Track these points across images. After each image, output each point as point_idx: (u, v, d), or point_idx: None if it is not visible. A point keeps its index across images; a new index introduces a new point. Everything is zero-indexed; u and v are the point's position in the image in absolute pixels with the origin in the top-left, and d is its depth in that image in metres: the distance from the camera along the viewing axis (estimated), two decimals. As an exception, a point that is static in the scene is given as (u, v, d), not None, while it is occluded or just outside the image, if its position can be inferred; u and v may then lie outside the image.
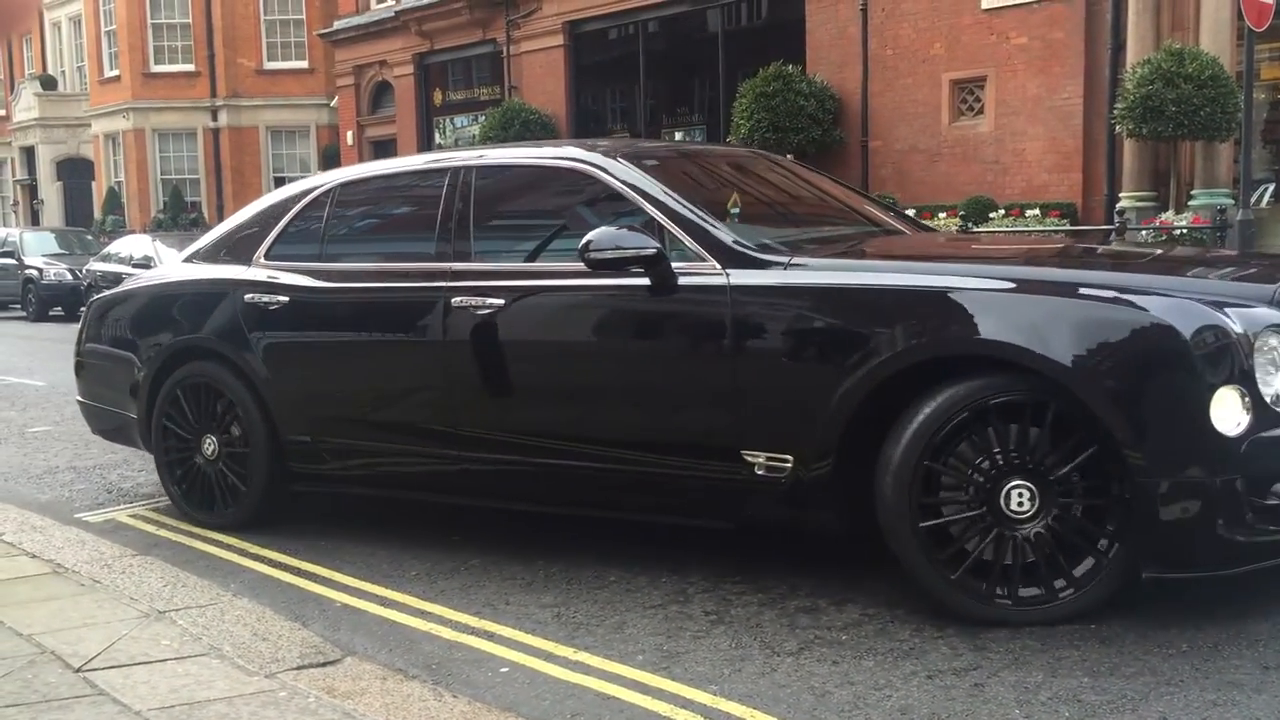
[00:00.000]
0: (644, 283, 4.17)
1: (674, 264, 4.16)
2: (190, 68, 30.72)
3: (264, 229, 5.44)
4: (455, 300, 4.61)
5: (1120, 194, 14.04)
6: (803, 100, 16.03)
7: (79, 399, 6.19)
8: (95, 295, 6.49)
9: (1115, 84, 13.65)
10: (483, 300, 4.55)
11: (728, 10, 18.93)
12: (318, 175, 5.76)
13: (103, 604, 4.00)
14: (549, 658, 3.63)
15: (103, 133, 32.41)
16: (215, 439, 5.32)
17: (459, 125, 23.74)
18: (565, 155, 4.77)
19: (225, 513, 5.31)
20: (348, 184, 5.42)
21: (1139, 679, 3.25)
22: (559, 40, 20.92)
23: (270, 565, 4.77)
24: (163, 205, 30.01)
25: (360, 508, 5.48)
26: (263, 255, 5.34)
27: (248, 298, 5.20)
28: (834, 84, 16.63)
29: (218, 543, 5.11)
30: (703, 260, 4.15)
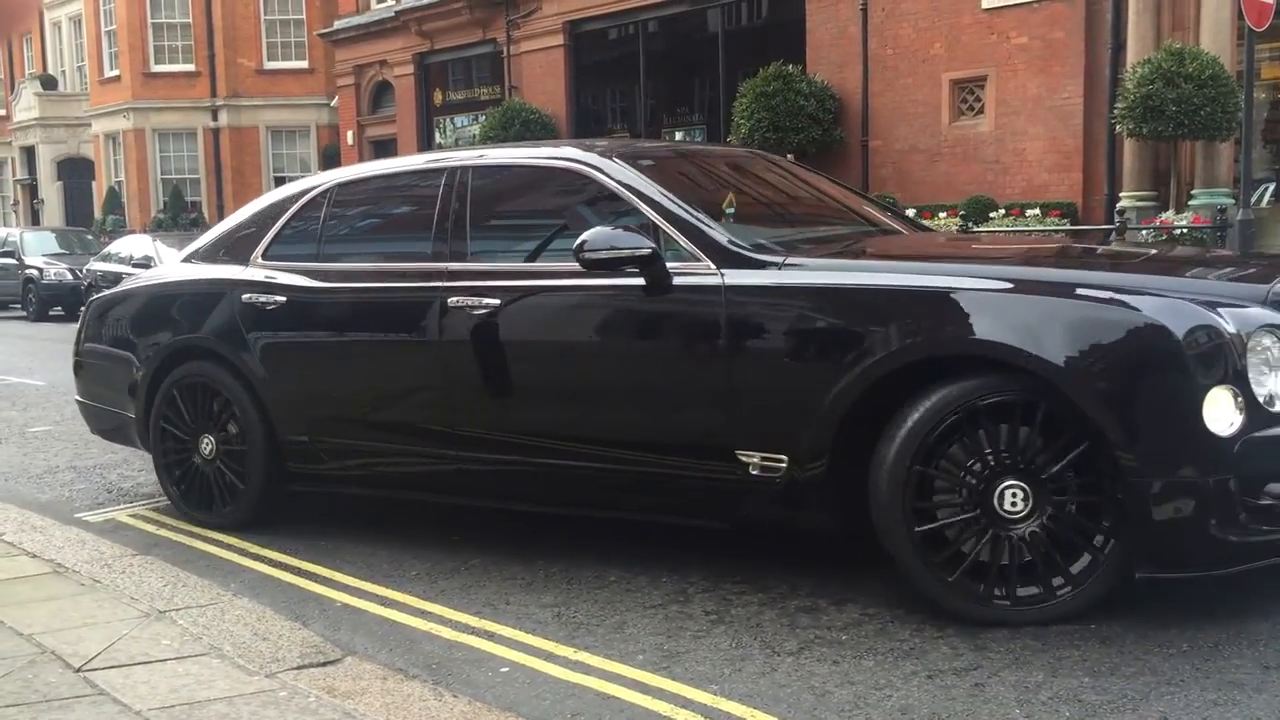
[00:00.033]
0: (639, 283, 4.17)
1: (669, 264, 4.16)
2: (190, 67, 30.73)
3: (261, 229, 5.44)
4: (451, 300, 4.61)
5: (1120, 194, 14.04)
6: (803, 100, 16.04)
7: (78, 399, 6.19)
8: (95, 295, 6.48)
9: (1115, 83, 13.65)
10: (479, 300, 4.55)
11: (728, 10, 18.93)
12: (315, 175, 5.76)
13: (103, 604, 4.01)
14: (549, 657, 3.63)
15: (103, 132, 32.41)
16: (213, 438, 5.32)
17: (459, 125, 23.74)
18: (561, 155, 4.77)
19: (223, 512, 5.31)
20: (344, 184, 5.42)
21: (1139, 679, 3.25)
22: (559, 40, 20.93)
23: (270, 565, 4.77)
24: (163, 205, 30.01)
25: (360, 507, 5.48)
26: (260, 255, 5.34)
27: (245, 298, 5.21)
28: (834, 84, 16.63)
29: (218, 542, 5.11)
30: (697, 260, 4.15)
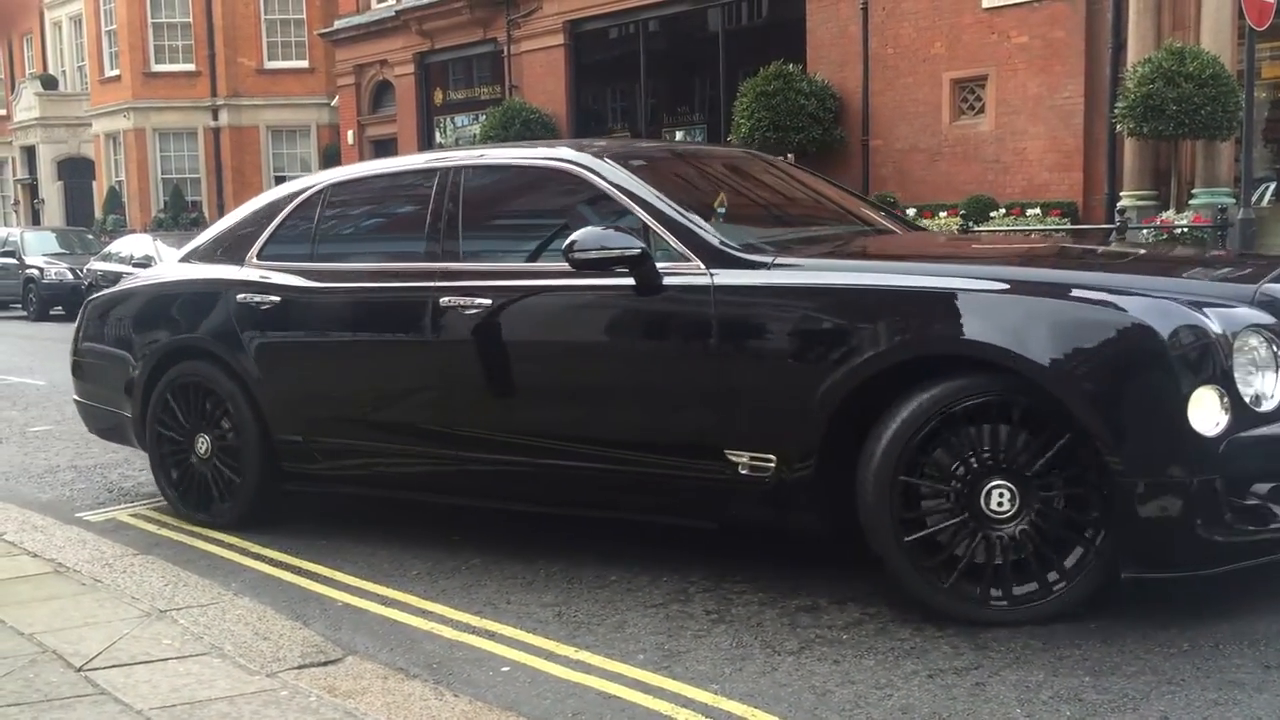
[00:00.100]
0: (629, 283, 4.17)
1: (659, 264, 4.16)
2: (191, 67, 30.73)
3: (257, 229, 5.45)
4: (444, 300, 4.61)
5: (1121, 193, 14.03)
6: (803, 99, 16.03)
7: (76, 398, 6.21)
8: (93, 294, 6.49)
9: (1116, 83, 13.64)
10: (471, 300, 4.55)
11: (728, 9, 18.92)
12: (310, 175, 5.77)
13: (104, 603, 4.01)
14: (550, 657, 3.63)
15: (103, 132, 32.41)
16: (209, 438, 5.34)
17: (460, 125, 23.74)
18: (552, 156, 4.78)
19: (219, 511, 5.32)
20: (339, 184, 5.42)
21: (1140, 678, 3.25)
22: (559, 40, 20.92)
23: (271, 564, 4.77)
24: (163, 205, 30.02)
25: (361, 507, 5.48)
26: (255, 255, 5.36)
27: (240, 297, 5.21)
28: (835, 83, 16.63)
29: (219, 542, 5.12)
30: (687, 260, 4.15)
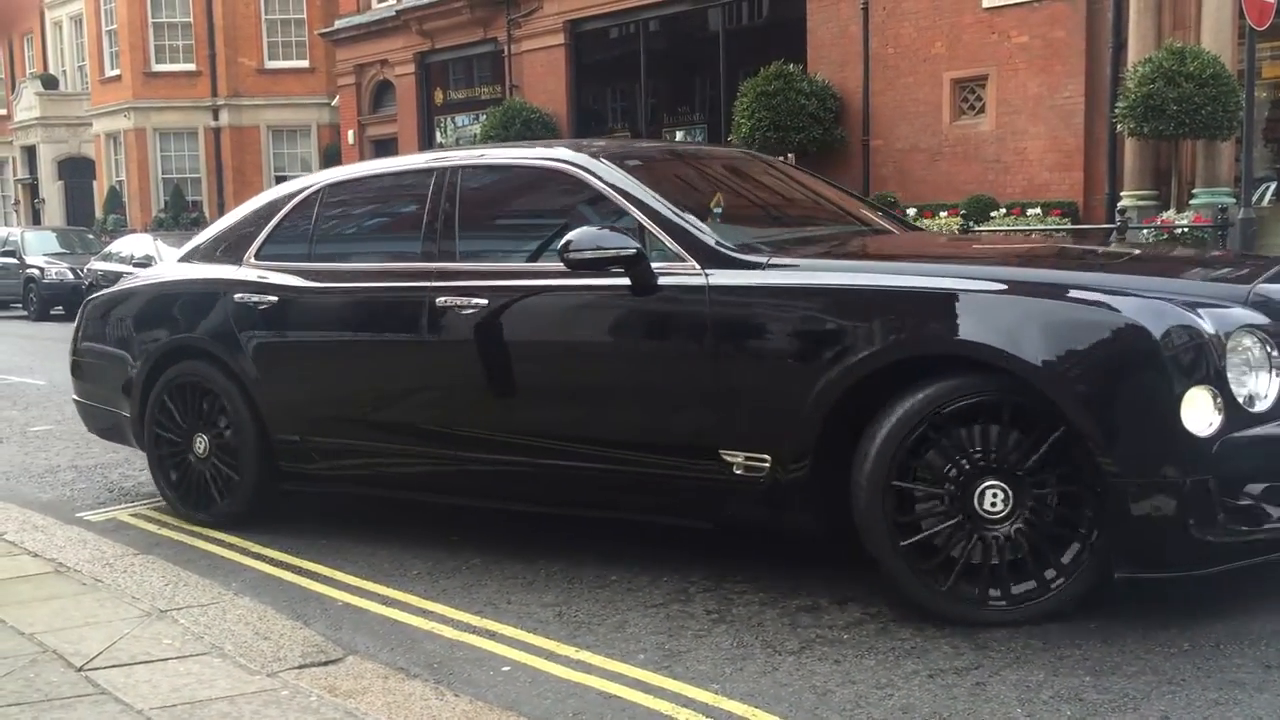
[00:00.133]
0: (625, 283, 4.17)
1: (655, 264, 4.16)
2: (191, 67, 30.72)
3: (255, 229, 5.47)
4: (440, 300, 4.62)
5: (1121, 193, 14.02)
6: (804, 99, 16.03)
7: (75, 398, 6.22)
8: (92, 294, 6.50)
9: (1116, 83, 13.64)
10: (467, 300, 4.56)
11: (729, 9, 18.92)
12: (307, 176, 5.78)
13: (104, 603, 4.01)
14: (551, 656, 3.63)
15: (104, 132, 32.41)
16: (207, 438, 5.34)
17: (460, 124, 23.74)
18: (548, 156, 4.78)
19: (217, 510, 5.33)
20: (336, 184, 5.43)
21: (1141, 678, 3.25)
22: (560, 39, 20.92)
23: (271, 564, 4.77)
24: (164, 204, 30.01)
25: (361, 507, 5.48)
26: (253, 255, 5.37)
27: (238, 297, 5.22)
28: (835, 83, 16.62)
29: (219, 542, 5.12)
30: (683, 260, 4.15)
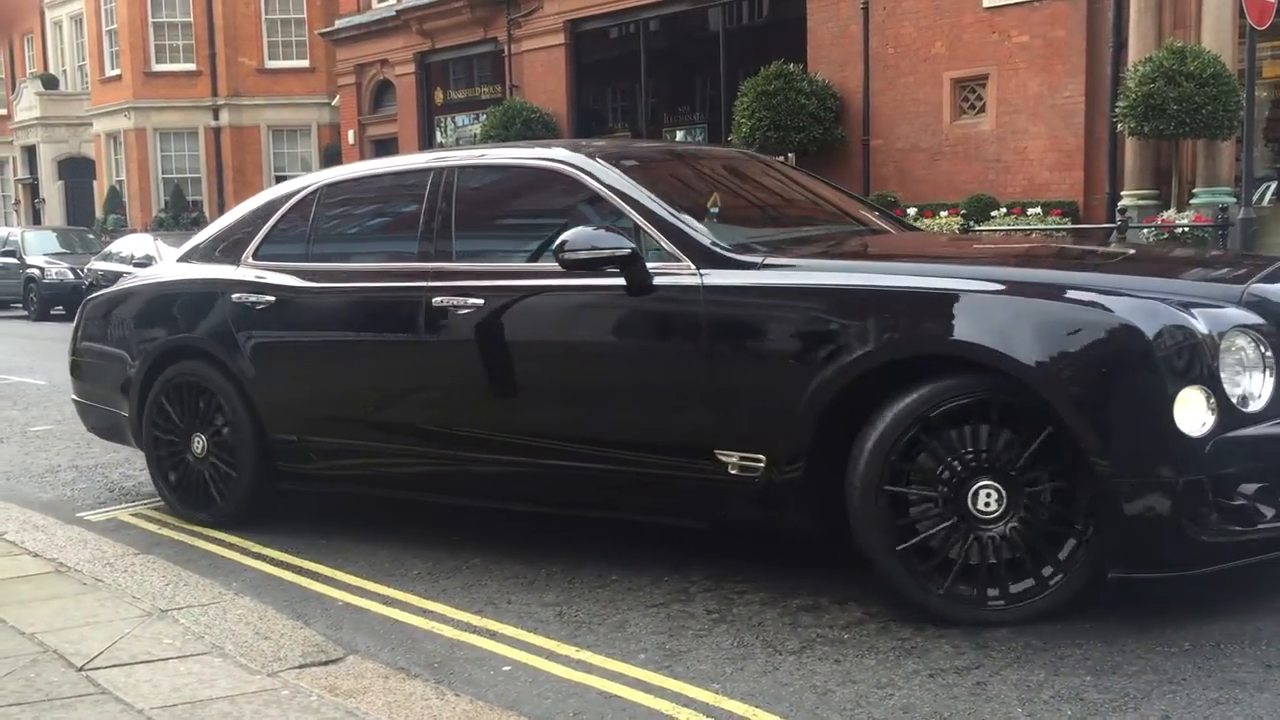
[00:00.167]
0: (620, 283, 4.17)
1: (650, 264, 4.16)
2: (191, 67, 30.72)
3: (253, 229, 5.47)
4: (436, 300, 4.62)
5: (1122, 192, 14.02)
6: (804, 99, 16.03)
7: (74, 397, 6.24)
8: (91, 294, 6.51)
9: (1117, 82, 13.63)
10: (463, 300, 4.56)
11: (729, 9, 18.92)
12: (305, 176, 5.79)
13: (105, 603, 4.01)
14: (551, 656, 3.63)
15: (104, 132, 32.40)
16: (204, 437, 5.35)
17: (460, 124, 23.74)
18: (544, 156, 4.78)
19: (215, 510, 5.33)
20: (333, 184, 5.44)
21: (1141, 677, 3.25)
22: (560, 39, 20.92)
23: (272, 564, 4.77)
24: (164, 204, 30.00)
25: (361, 507, 5.48)
26: (251, 255, 5.37)
27: (235, 297, 5.23)
28: (835, 83, 16.62)
29: (219, 541, 5.12)
30: (678, 261, 4.15)
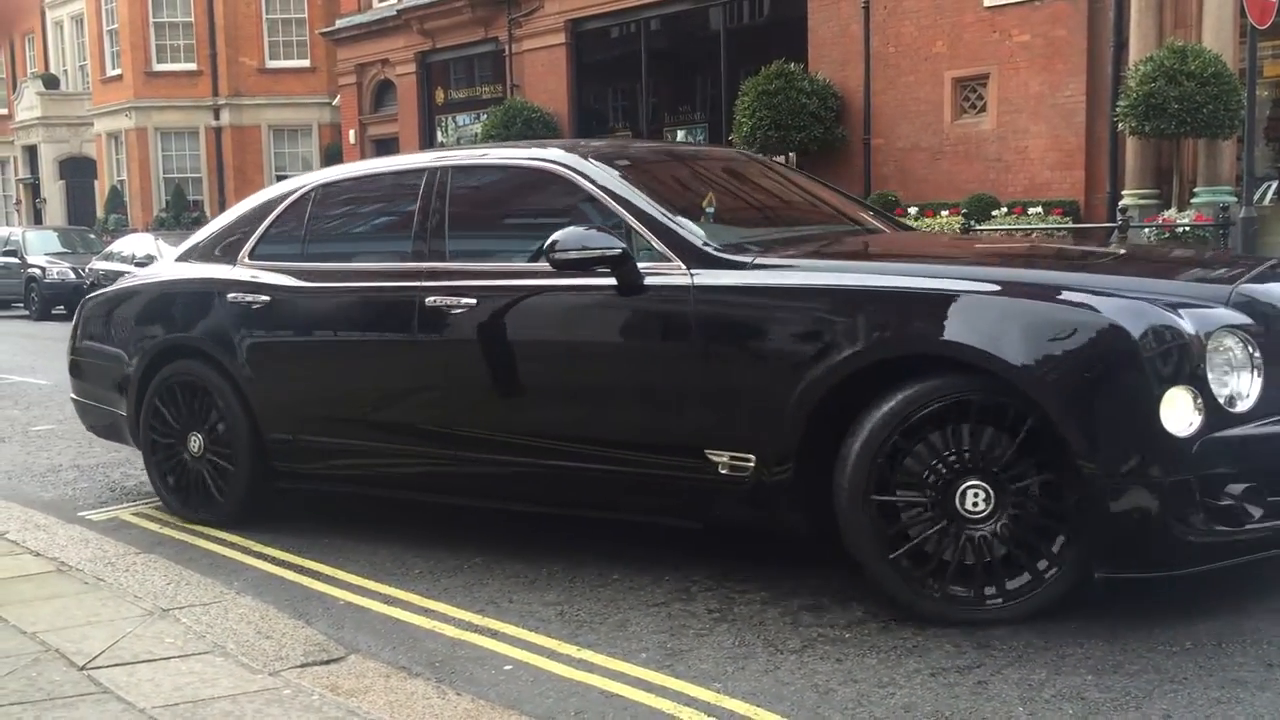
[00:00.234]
0: (611, 283, 4.18)
1: (641, 264, 4.16)
2: (192, 66, 30.71)
3: (250, 229, 5.49)
4: (429, 300, 4.63)
5: (1123, 191, 14.01)
6: (805, 98, 16.02)
7: (73, 396, 6.26)
8: (90, 293, 6.53)
9: (1118, 81, 13.62)
10: (456, 300, 4.57)
11: (729, 8, 18.91)
12: (301, 176, 5.80)
13: (106, 602, 4.01)
14: (552, 655, 3.63)
15: (105, 131, 32.41)
16: (201, 436, 5.35)
17: (461, 124, 23.74)
18: (538, 156, 4.79)
19: (211, 509, 5.34)
20: (328, 185, 5.45)
21: (1142, 676, 3.25)
22: (561, 39, 20.91)
23: (273, 563, 4.78)
24: (165, 204, 29.99)
25: (362, 506, 5.48)
26: (247, 255, 5.39)
27: (231, 297, 5.24)
28: (836, 82, 16.62)
29: (221, 541, 5.12)
30: (669, 260, 4.16)
